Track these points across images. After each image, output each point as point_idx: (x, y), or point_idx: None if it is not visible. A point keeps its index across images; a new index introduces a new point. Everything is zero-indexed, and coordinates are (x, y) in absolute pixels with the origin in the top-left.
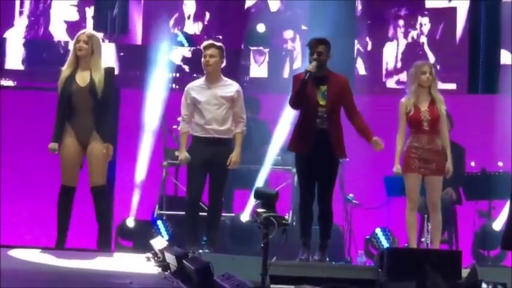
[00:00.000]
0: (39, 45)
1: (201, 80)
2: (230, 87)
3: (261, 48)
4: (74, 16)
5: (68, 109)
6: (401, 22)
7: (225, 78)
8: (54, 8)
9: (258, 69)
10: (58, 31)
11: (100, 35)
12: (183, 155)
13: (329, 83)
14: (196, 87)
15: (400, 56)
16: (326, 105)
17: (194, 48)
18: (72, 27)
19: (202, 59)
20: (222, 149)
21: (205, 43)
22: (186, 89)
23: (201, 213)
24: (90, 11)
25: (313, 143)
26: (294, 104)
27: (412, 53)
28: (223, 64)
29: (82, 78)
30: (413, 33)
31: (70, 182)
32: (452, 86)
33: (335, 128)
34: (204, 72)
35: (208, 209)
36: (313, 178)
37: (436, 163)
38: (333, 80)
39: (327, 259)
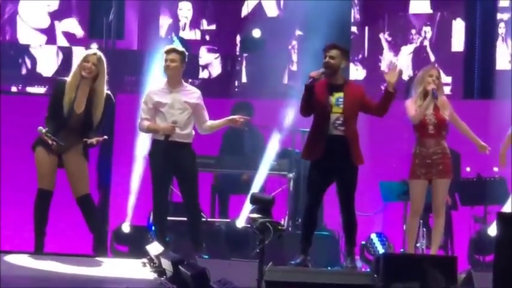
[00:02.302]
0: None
1: (161, 84)
2: (193, 93)
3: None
4: (44, 23)
5: (54, 121)
6: (397, 27)
7: (186, 84)
8: (21, 12)
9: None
10: (25, 36)
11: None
12: (165, 123)
13: (345, 89)
14: (158, 91)
15: (397, 62)
16: (343, 112)
17: (188, 53)
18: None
19: (164, 64)
20: (185, 152)
21: (166, 47)
22: (147, 93)
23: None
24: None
25: (328, 150)
26: (301, 111)
27: (409, 58)
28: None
29: (79, 104)
30: (410, 39)
31: (47, 185)
32: (447, 91)
33: (352, 134)
34: (165, 76)
35: (187, 215)
36: (325, 186)
37: (442, 166)
38: (350, 87)
39: (358, 265)
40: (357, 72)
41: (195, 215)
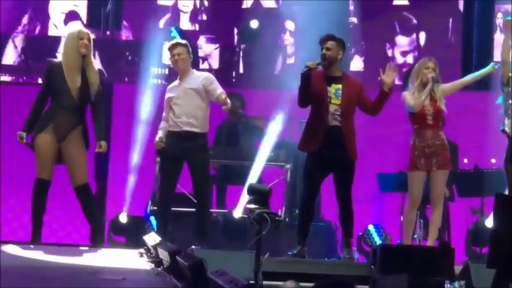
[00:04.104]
0: (36, 40)
1: (176, 80)
2: (197, 78)
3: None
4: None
5: (51, 106)
6: (396, 19)
7: (194, 71)
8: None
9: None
10: (55, 27)
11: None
12: (157, 136)
13: (344, 82)
14: (171, 87)
15: (396, 53)
16: (341, 104)
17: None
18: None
19: (171, 59)
20: (193, 145)
21: (169, 44)
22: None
23: (190, 209)
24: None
25: (325, 140)
26: (299, 101)
27: (407, 49)
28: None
29: (73, 79)
30: (408, 30)
31: (45, 175)
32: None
33: (348, 127)
34: (177, 70)
35: (195, 205)
36: (322, 177)
37: (441, 157)
38: (348, 81)
39: (355, 256)
40: (356, 64)
41: (201, 206)
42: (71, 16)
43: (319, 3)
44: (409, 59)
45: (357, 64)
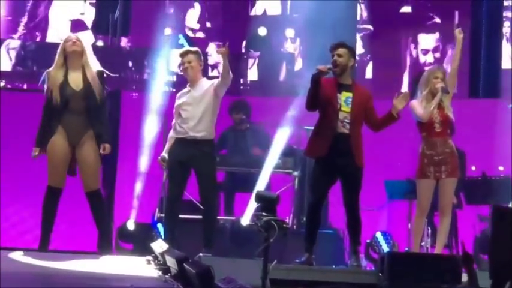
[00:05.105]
0: (34, 47)
1: (186, 87)
2: (206, 84)
3: (251, 50)
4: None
5: (60, 112)
6: (404, 25)
7: (204, 79)
8: (53, 10)
9: (249, 72)
10: (56, 34)
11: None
12: (162, 154)
13: (355, 91)
14: (180, 94)
15: (402, 59)
16: (351, 112)
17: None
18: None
19: (182, 67)
20: (199, 152)
21: (180, 51)
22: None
23: (197, 216)
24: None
25: (333, 147)
26: (307, 105)
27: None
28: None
29: (75, 81)
30: (416, 36)
31: (57, 183)
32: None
33: (356, 135)
34: (187, 77)
35: (202, 212)
36: (329, 184)
37: (450, 165)
38: (359, 89)
39: (362, 263)
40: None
41: (207, 213)
42: (78, 25)
43: (325, 11)
44: (429, 58)
45: (371, 72)
